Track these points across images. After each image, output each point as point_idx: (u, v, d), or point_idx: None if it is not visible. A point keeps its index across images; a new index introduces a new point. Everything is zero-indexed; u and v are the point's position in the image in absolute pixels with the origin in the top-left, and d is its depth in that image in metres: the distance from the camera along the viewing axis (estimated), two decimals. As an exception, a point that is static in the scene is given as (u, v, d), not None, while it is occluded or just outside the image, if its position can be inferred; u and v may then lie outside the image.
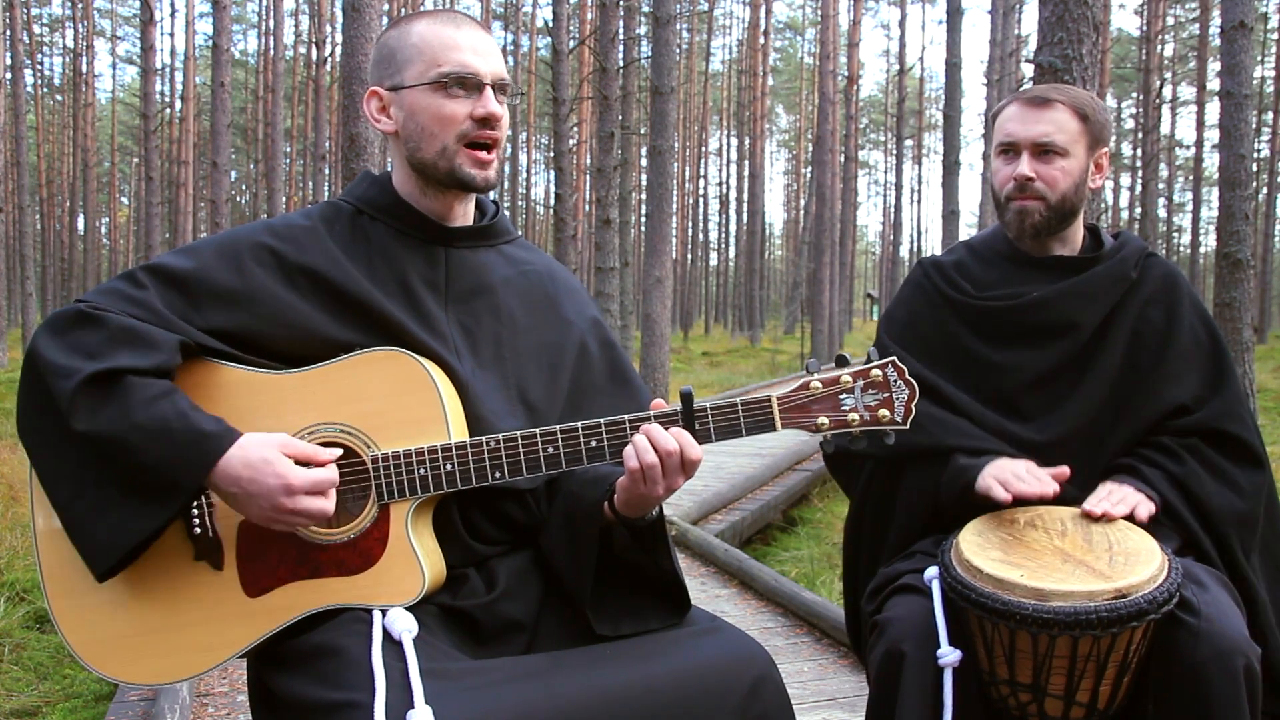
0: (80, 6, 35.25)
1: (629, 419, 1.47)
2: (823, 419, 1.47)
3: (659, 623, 1.54)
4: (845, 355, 1.49)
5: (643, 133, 20.62)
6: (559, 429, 1.48)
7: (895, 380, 1.47)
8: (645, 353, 13.31)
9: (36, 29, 36.94)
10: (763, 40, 40.77)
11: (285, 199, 36.13)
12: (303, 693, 1.37)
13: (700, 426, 1.47)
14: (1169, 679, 1.65)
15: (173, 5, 36.46)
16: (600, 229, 12.73)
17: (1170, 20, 34.45)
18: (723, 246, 51.58)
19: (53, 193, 39.78)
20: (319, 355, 1.52)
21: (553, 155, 18.73)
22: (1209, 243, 42.81)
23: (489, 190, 1.62)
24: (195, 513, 1.49)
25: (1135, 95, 35.63)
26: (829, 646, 4.02)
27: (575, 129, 18.74)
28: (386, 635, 1.39)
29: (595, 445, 1.48)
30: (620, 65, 14.07)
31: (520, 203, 41.12)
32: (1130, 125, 35.86)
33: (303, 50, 37.46)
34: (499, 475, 1.48)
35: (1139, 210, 28.58)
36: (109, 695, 3.60)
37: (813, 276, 27.96)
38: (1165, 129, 35.35)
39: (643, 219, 20.84)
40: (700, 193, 47.79)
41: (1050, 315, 1.99)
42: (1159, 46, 30.90)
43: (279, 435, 1.43)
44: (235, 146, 36.83)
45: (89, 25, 36.06)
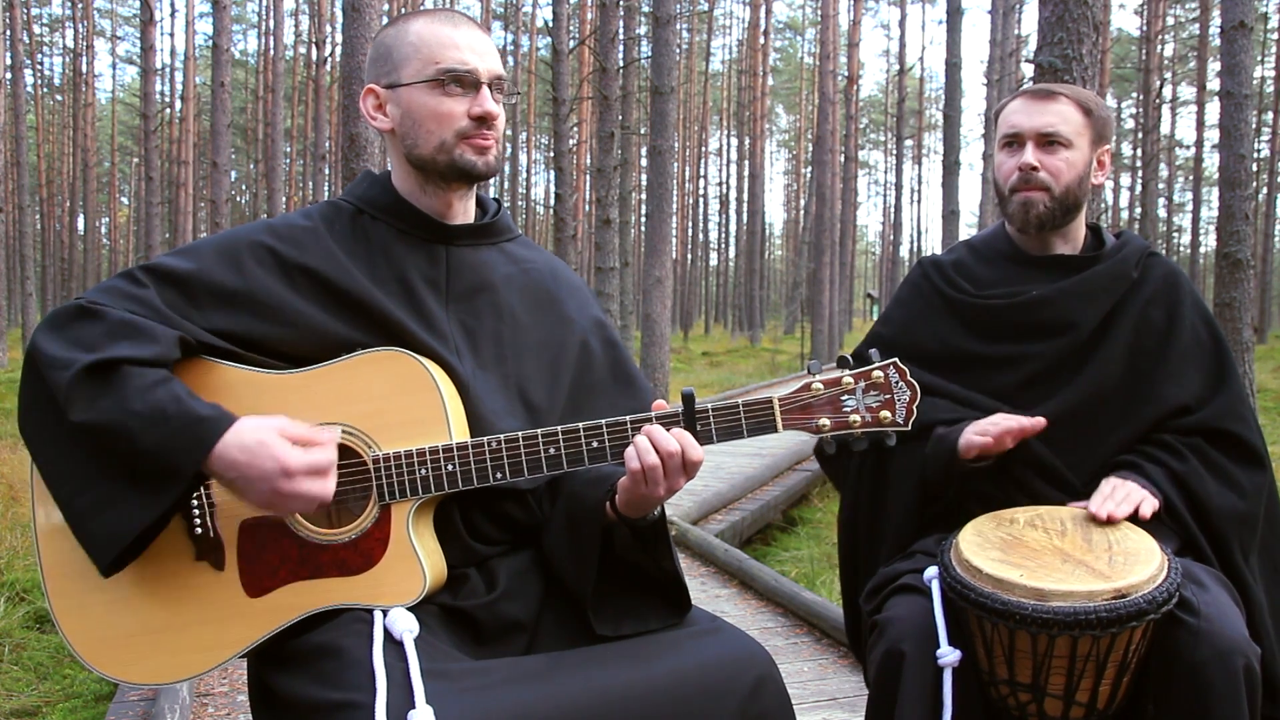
0: (80, 6, 35.27)
1: (630, 420, 1.47)
2: (824, 420, 1.47)
3: (659, 623, 1.54)
4: (847, 356, 1.49)
5: (643, 133, 20.63)
6: (560, 430, 1.48)
7: (897, 381, 1.47)
8: (645, 353, 13.31)
9: (36, 29, 36.96)
10: (763, 40, 40.80)
11: (285, 199, 36.14)
12: (303, 693, 1.37)
13: (702, 427, 1.47)
14: (1169, 679, 1.65)
15: (173, 5, 36.49)
16: (600, 229, 12.73)
17: (1170, 20, 34.47)
18: (723, 246, 51.67)
19: (53, 193, 39.79)
20: (319, 355, 1.52)
21: (553, 155, 18.73)
22: (1209, 243, 42.88)
23: (491, 176, 1.61)
24: (196, 513, 1.49)
25: (1135, 95, 35.66)
26: (829, 646, 4.02)
27: (575, 129, 18.74)
28: (387, 635, 1.39)
29: (596, 446, 1.48)
30: (620, 65, 14.08)
31: (520, 203, 41.14)
32: (1130, 125, 35.85)
33: (303, 50, 37.49)
34: (500, 476, 1.49)
35: (1139, 210, 28.63)
36: (109, 695, 3.60)
37: (813, 276, 27.98)
38: (1165, 129, 35.38)
39: (643, 219, 20.83)
40: (700, 193, 47.84)
41: (1050, 314, 1.99)
42: (1159, 46, 30.93)
43: (277, 418, 1.41)
44: (235, 146, 36.83)
45: (89, 25, 36.08)
